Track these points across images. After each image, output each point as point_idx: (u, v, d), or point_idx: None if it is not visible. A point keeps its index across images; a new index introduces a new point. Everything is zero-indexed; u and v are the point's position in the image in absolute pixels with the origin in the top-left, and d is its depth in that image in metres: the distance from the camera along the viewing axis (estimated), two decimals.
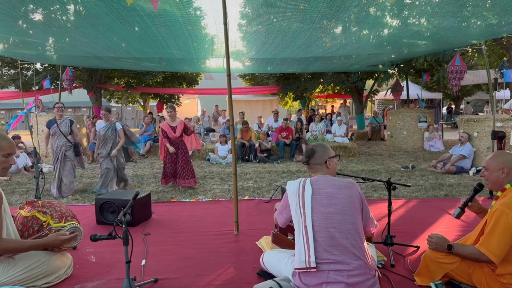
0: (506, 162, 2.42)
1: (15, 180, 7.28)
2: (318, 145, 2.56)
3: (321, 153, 2.49)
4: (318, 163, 2.49)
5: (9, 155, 2.47)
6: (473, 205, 2.74)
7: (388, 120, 12.72)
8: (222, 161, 9.12)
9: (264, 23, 5.98)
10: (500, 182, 2.44)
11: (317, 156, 2.49)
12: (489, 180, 2.50)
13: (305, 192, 2.34)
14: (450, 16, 5.33)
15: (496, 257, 2.23)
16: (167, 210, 4.82)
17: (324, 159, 2.48)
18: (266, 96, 19.93)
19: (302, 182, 2.41)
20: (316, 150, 2.50)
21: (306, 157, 2.53)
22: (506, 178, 2.42)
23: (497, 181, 2.45)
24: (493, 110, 6.57)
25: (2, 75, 15.46)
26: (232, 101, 3.90)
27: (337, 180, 2.41)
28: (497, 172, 2.43)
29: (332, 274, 2.14)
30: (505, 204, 2.28)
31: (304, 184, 2.38)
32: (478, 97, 25.44)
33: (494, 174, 2.45)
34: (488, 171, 2.49)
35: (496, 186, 2.47)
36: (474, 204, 2.74)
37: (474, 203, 2.74)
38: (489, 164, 2.49)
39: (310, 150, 2.54)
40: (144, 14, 5.22)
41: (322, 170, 2.49)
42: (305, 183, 2.39)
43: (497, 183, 2.46)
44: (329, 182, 2.37)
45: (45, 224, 2.77)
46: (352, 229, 2.23)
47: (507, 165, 2.41)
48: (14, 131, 12.97)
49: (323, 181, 2.39)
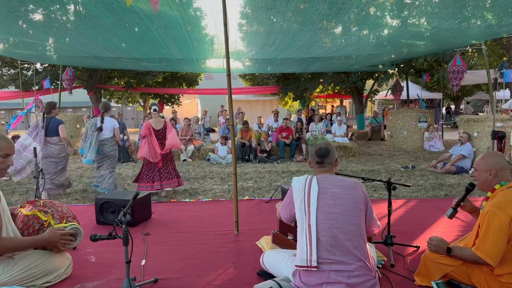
0: (494, 163, 2.42)
1: (15, 180, 7.27)
2: (329, 144, 2.52)
3: (333, 153, 2.47)
4: (331, 162, 2.47)
5: (7, 156, 2.45)
6: (465, 205, 2.74)
7: (388, 120, 12.72)
8: (222, 161, 9.12)
9: (264, 24, 5.98)
10: (488, 183, 2.44)
11: (331, 155, 2.46)
12: (478, 181, 2.51)
13: (311, 190, 2.32)
14: (450, 17, 5.33)
15: (493, 260, 2.23)
16: (167, 210, 4.83)
17: (335, 158, 2.49)
18: (266, 96, 19.95)
19: (308, 179, 2.38)
20: (330, 149, 2.47)
21: (321, 156, 2.44)
22: (494, 179, 2.41)
23: (485, 182, 2.46)
24: (493, 110, 6.58)
25: (2, 75, 15.47)
26: (232, 101, 3.91)
27: (344, 180, 2.39)
28: (485, 174, 2.44)
29: (332, 274, 2.14)
30: (495, 205, 2.27)
31: (310, 182, 2.36)
32: (478, 97, 25.44)
33: (482, 175, 2.45)
34: (477, 172, 2.50)
35: (485, 187, 2.48)
36: (466, 204, 2.74)
37: (466, 203, 2.74)
38: (478, 165, 2.50)
39: (324, 149, 2.45)
40: (144, 16, 5.23)
41: (331, 170, 2.48)
42: (311, 181, 2.36)
43: (485, 184, 2.46)
44: (336, 182, 2.36)
45: (46, 223, 2.78)
46: (356, 231, 2.23)
47: (495, 167, 2.40)
48: (14, 131, 12.98)
49: (330, 180, 2.37)
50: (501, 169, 2.41)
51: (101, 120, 5.91)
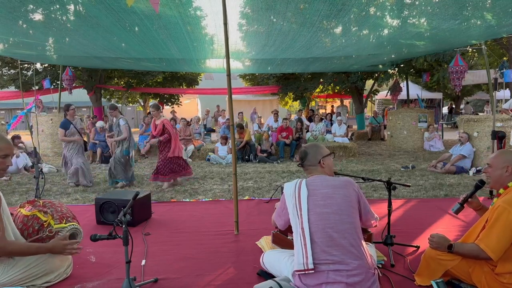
0: (511, 161, 2.43)
1: (15, 180, 7.28)
2: (310, 146, 2.57)
3: (313, 154, 2.50)
4: (312, 164, 2.50)
5: (6, 156, 2.44)
6: (472, 202, 2.76)
7: (388, 120, 12.72)
8: (222, 161, 9.12)
9: (264, 24, 5.98)
10: (502, 180, 2.45)
11: (309, 157, 2.50)
12: (491, 177, 2.51)
13: (301, 193, 2.35)
14: (450, 18, 5.33)
15: (494, 253, 2.24)
16: (167, 210, 4.83)
17: (317, 160, 2.49)
18: (266, 96, 19.96)
19: (298, 183, 2.42)
20: (308, 151, 2.52)
21: (300, 159, 2.55)
22: (509, 176, 2.43)
23: (499, 179, 2.46)
24: (493, 110, 6.56)
25: (2, 75, 15.47)
26: (232, 101, 3.91)
27: (333, 180, 2.41)
28: (501, 170, 2.44)
29: (331, 274, 2.14)
30: (507, 202, 2.29)
31: (300, 186, 2.39)
32: (478, 97, 25.44)
33: (498, 172, 2.46)
34: (491, 168, 2.50)
35: (498, 185, 2.49)
36: (474, 201, 2.76)
37: (474, 199, 2.75)
38: (493, 161, 2.50)
39: (302, 152, 2.55)
40: (144, 17, 5.23)
41: (317, 171, 2.49)
42: (301, 185, 2.40)
43: (499, 181, 2.47)
44: (325, 183, 2.38)
45: (46, 224, 2.78)
46: (350, 229, 2.24)
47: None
48: (14, 131, 12.97)
49: (319, 181, 2.39)
50: None
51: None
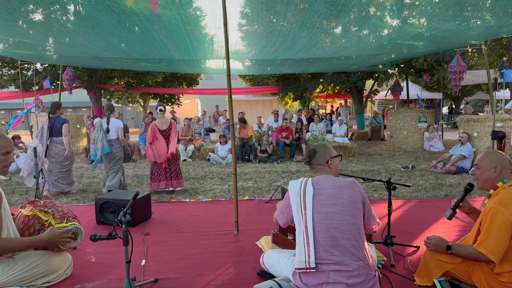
0: (499, 161, 2.42)
1: (15, 180, 7.28)
2: (320, 145, 2.55)
3: (322, 153, 2.49)
4: (320, 163, 2.49)
5: (7, 153, 2.49)
6: (464, 206, 2.73)
7: (388, 120, 12.72)
8: (222, 161, 9.13)
9: (264, 24, 5.98)
10: (491, 181, 2.44)
11: (318, 156, 2.49)
12: (479, 178, 2.49)
13: (306, 192, 2.34)
14: (450, 19, 5.33)
15: (495, 256, 2.24)
16: (167, 210, 4.83)
17: (325, 159, 2.48)
18: (266, 96, 19.95)
19: (304, 182, 2.41)
20: (318, 150, 2.50)
21: (308, 157, 2.53)
22: (498, 177, 2.42)
23: (488, 179, 2.45)
24: (493, 110, 6.57)
25: (2, 75, 15.48)
26: (232, 101, 3.91)
27: (339, 180, 2.40)
28: (489, 171, 2.43)
29: (332, 274, 2.14)
30: (499, 202, 2.28)
31: (305, 184, 2.38)
32: (478, 97, 25.45)
33: (486, 173, 2.45)
34: (479, 170, 2.49)
35: (487, 185, 2.47)
36: (465, 205, 2.74)
37: (465, 203, 2.73)
38: (481, 162, 2.49)
39: (311, 150, 2.53)
40: (144, 17, 5.23)
41: (324, 170, 2.49)
42: (306, 183, 2.39)
43: (489, 181, 2.45)
44: (331, 183, 2.37)
45: (47, 223, 2.78)
46: (353, 230, 2.23)
47: (500, 164, 2.41)
48: (14, 131, 12.96)
49: (325, 181, 2.39)
50: (504, 167, 2.42)
51: (107, 121, 5.95)
